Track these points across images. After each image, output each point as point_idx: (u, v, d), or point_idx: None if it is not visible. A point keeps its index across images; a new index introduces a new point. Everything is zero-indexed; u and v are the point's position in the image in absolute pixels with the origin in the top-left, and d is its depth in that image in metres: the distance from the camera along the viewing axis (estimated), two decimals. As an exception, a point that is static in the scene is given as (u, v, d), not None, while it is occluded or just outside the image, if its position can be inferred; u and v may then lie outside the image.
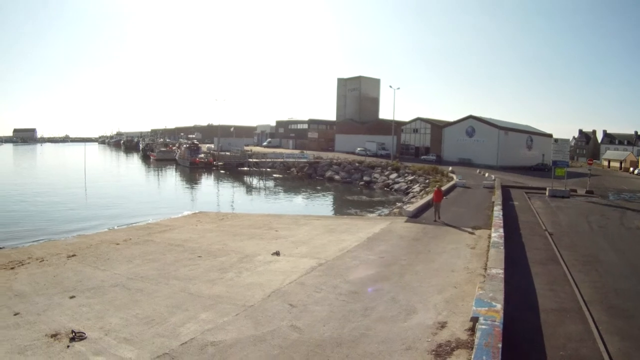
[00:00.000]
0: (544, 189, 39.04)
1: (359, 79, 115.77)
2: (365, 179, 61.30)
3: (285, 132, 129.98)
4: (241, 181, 65.41)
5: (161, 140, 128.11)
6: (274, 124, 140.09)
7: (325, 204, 47.47)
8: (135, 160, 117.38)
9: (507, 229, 20.01)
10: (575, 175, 56.27)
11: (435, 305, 11.41)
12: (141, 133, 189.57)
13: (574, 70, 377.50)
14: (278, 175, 70.71)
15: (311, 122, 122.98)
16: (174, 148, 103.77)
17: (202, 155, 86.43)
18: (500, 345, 7.47)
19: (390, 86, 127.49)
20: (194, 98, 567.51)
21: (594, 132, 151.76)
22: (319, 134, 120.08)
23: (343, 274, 14.64)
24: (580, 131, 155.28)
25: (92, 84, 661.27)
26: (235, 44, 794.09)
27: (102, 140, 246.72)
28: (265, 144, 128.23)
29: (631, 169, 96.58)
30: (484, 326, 8.23)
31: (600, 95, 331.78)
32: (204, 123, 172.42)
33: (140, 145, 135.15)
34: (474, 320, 9.00)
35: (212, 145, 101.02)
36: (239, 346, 9.27)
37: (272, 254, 17.55)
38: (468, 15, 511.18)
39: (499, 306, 9.24)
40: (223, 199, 49.08)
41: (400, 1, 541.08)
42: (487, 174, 54.65)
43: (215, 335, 9.82)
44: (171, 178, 72.86)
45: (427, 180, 50.91)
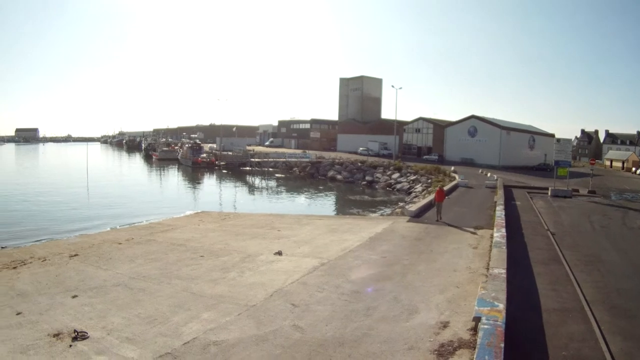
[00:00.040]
0: (546, 189, 38.98)
1: (361, 79, 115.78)
2: (368, 178, 61.30)
3: (288, 132, 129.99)
4: (243, 181, 65.44)
5: (163, 139, 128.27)
6: (276, 123, 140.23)
7: (327, 204, 47.48)
8: (137, 159, 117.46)
9: (510, 228, 20.00)
10: (577, 175, 56.20)
11: (438, 305, 11.40)
12: (143, 133, 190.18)
13: (576, 69, 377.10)
14: (280, 175, 70.74)
15: (313, 122, 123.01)
16: (177, 148, 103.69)
17: (205, 155, 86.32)
18: (502, 345, 7.46)
19: (392, 86, 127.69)
20: (196, 98, 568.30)
21: (596, 132, 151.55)
22: (321, 134, 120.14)
23: (345, 273, 14.64)
24: (583, 131, 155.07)
25: (95, 84, 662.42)
26: (237, 43, 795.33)
27: (105, 140, 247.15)
28: (267, 143, 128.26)
29: (633, 169, 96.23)
30: (486, 326, 8.23)
31: (603, 95, 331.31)
32: (207, 123, 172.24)
33: (143, 145, 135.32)
34: (477, 320, 9.00)
35: (215, 145, 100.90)
36: (241, 346, 9.28)
37: (275, 254, 17.55)
38: (470, 15, 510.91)
39: (502, 306, 9.24)
40: (225, 198, 49.08)
41: (402, 1, 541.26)
42: (490, 174, 54.61)
43: (217, 335, 9.82)
44: (173, 178, 72.90)
45: (430, 180, 50.86)
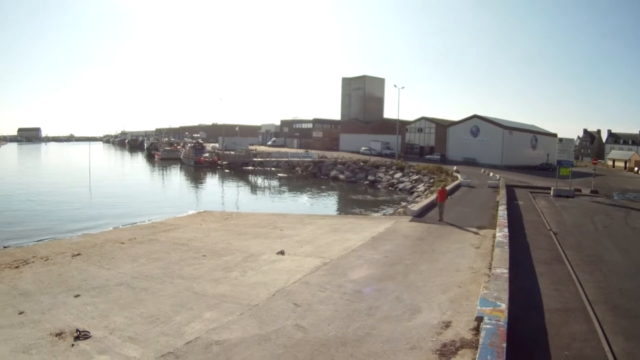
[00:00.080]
0: (549, 189, 38.93)
1: (363, 79, 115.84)
2: (370, 178, 61.28)
3: (290, 132, 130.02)
4: (246, 180, 65.48)
5: (166, 139, 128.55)
6: (278, 123, 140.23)
7: (329, 204, 47.47)
8: (139, 159, 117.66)
9: (512, 228, 19.96)
10: (579, 175, 56.06)
11: (440, 305, 11.40)
12: (146, 132, 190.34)
13: (579, 69, 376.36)
14: (282, 175, 70.76)
15: (316, 122, 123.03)
16: (179, 147, 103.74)
17: (207, 155, 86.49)
18: (504, 345, 7.45)
19: (394, 85, 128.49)
20: (198, 97, 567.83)
21: (599, 132, 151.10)
22: (324, 134, 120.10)
23: (348, 273, 14.63)
24: (585, 131, 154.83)
25: (97, 83, 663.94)
26: (240, 43, 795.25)
27: (107, 140, 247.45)
28: (269, 143, 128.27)
29: (636, 169, 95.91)
30: (488, 326, 8.22)
31: (605, 94, 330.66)
32: (209, 122, 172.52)
33: (145, 145, 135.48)
34: (479, 319, 8.99)
35: (217, 145, 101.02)
36: (243, 345, 9.29)
37: (277, 253, 17.55)
38: (472, 15, 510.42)
39: (504, 306, 9.23)
40: (227, 198, 49.12)
41: (404, 1, 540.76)
42: (492, 174, 54.57)
43: (219, 335, 9.83)
44: (176, 177, 73.01)
45: (432, 180, 50.82)
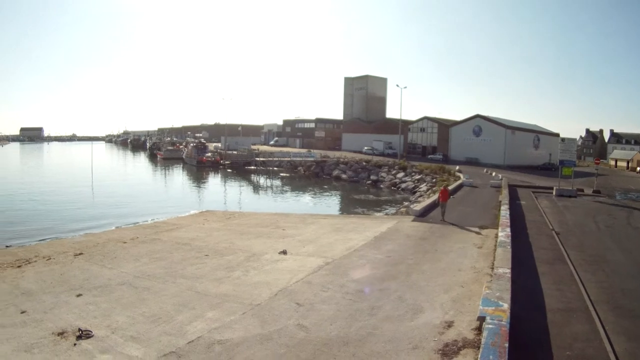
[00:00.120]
0: (551, 189, 38.86)
1: (365, 78, 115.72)
2: (372, 178, 61.27)
3: (292, 131, 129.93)
4: (248, 180, 65.49)
5: (168, 139, 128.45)
6: (281, 123, 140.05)
7: (332, 203, 47.46)
8: (142, 159, 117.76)
9: (514, 228, 19.91)
10: (582, 175, 56.00)
11: (442, 305, 11.39)
12: (148, 132, 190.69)
13: (581, 69, 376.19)
14: (285, 174, 70.77)
15: (318, 121, 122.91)
16: (181, 147, 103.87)
17: (209, 154, 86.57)
18: (506, 344, 7.44)
19: (397, 85, 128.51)
20: (201, 97, 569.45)
21: (601, 132, 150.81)
22: (326, 133, 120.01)
23: (350, 273, 14.63)
24: (588, 130, 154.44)
25: (99, 83, 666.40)
26: (242, 43, 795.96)
27: (109, 139, 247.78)
28: (272, 143, 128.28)
29: (638, 169, 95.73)
30: (490, 325, 8.21)
31: (608, 94, 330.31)
32: (211, 122, 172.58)
33: (147, 144, 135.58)
34: (481, 319, 8.98)
35: (219, 144, 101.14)
36: (245, 345, 9.30)
37: (279, 253, 17.56)
38: (474, 15, 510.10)
39: (506, 306, 9.22)
40: (230, 197, 49.15)
41: (407, 0, 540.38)
42: (494, 173, 54.50)
43: (222, 334, 9.84)
44: (178, 177, 73.06)
45: (434, 180, 50.72)
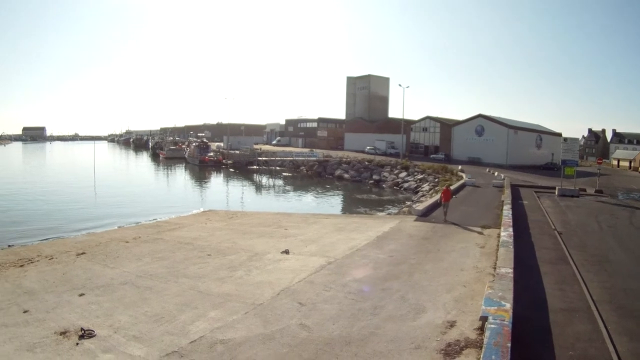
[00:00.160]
0: (554, 188, 38.81)
1: (368, 78, 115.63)
2: (375, 177, 61.29)
3: (295, 131, 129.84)
4: (250, 180, 65.51)
5: (170, 138, 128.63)
6: (283, 122, 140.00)
7: (334, 203, 47.42)
8: (144, 158, 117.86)
9: (517, 228, 19.94)
10: (584, 175, 55.79)
11: (445, 304, 11.39)
12: (150, 131, 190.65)
13: (584, 69, 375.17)
14: (287, 174, 70.71)
15: (320, 121, 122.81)
16: (184, 146, 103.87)
17: (212, 154, 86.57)
18: (509, 344, 7.45)
19: (399, 85, 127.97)
20: (203, 97, 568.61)
21: (604, 131, 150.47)
22: (329, 133, 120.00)
23: (352, 272, 14.64)
24: (590, 130, 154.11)
25: (102, 82, 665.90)
26: (245, 42, 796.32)
27: (112, 139, 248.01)
28: (274, 142, 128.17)
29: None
30: (493, 325, 8.21)
31: (610, 94, 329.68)
32: (214, 121, 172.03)
33: (150, 144, 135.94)
34: (483, 319, 8.99)
35: (222, 144, 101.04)
36: (248, 344, 9.31)
37: (282, 253, 17.58)
38: (476, 15, 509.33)
39: (508, 305, 9.22)
40: (232, 197, 49.15)
41: (409, 0, 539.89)
42: (497, 173, 54.46)
43: (224, 334, 9.86)
44: (180, 176, 73.05)
45: (437, 179, 50.70)
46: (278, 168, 73.69)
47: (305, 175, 69.89)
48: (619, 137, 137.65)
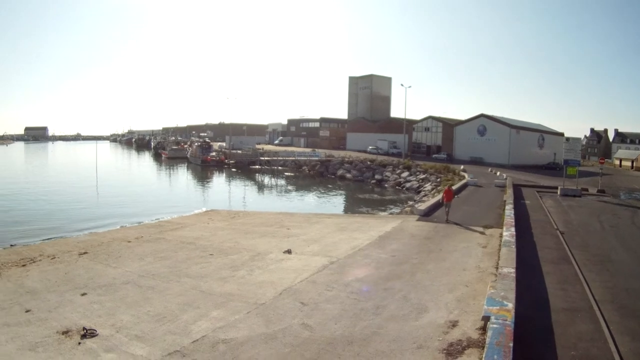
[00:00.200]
0: (556, 188, 38.72)
1: (370, 78, 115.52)
2: (377, 177, 61.26)
3: (297, 131, 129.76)
4: (253, 179, 65.56)
5: (173, 138, 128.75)
6: (285, 122, 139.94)
7: (336, 203, 47.40)
8: (146, 158, 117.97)
9: (519, 228, 19.91)
10: (586, 174, 55.70)
11: (447, 304, 11.38)
12: (153, 131, 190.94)
13: (586, 68, 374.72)
14: (290, 174, 70.74)
15: (323, 121, 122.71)
16: (186, 146, 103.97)
17: (214, 154, 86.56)
18: (511, 344, 7.44)
19: (401, 84, 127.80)
20: (205, 96, 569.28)
21: (606, 131, 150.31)
22: (331, 133, 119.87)
23: (354, 272, 14.64)
24: (592, 130, 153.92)
25: (104, 82, 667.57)
26: (247, 42, 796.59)
27: (114, 139, 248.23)
28: (276, 142, 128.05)
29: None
30: (495, 325, 8.21)
31: (612, 93, 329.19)
32: (216, 121, 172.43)
33: (152, 144, 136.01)
34: (486, 319, 8.98)
35: (224, 144, 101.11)
36: (250, 344, 9.31)
37: (284, 252, 17.58)
38: (478, 14, 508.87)
39: (511, 305, 9.21)
40: (234, 197, 49.21)
41: (411, 0, 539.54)
42: (499, 173, 54.37)
43: (226, 333, 9.86)
44: (183, 176, 73.11)
45: (439, 179, 50.66)
46: (280, 168, 73.69)
47: (308, 175, 69.89)
48: (621, 137, 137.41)
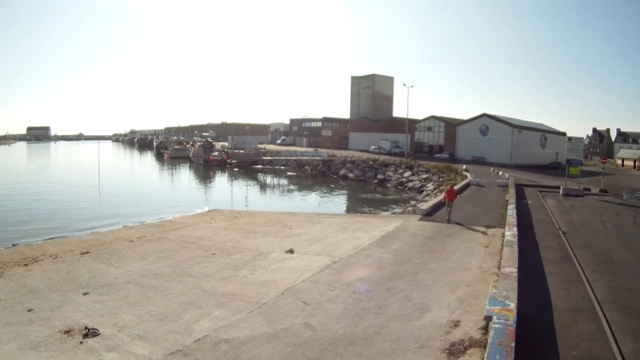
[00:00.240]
0: (558, 188, 38.69)
1: (372, 77, 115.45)
2: (379, 177, 61.21)
3: (299, 130, 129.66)
4: (255, 179, 65.59)
5: (175, 138, 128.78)
6: (287, 122, 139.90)
7: (339, 202, 47.39)
8: (149, 158, 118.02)
9: (521, 227, 19.88)
10: (589, 174, 55.60)
11: (449, 304, 11.37)
12: (155, 131, 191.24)
13: (588, 68, 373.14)
14: (292, 173, 70.70)
15: (325, 120, 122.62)
16: (188, 146, 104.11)
17: (216, 153, 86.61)
18: (513, 344, 7.43)
19: (403, 84, 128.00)
20: (207, 96, 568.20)
21: (608, 131, 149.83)
22: (333, 132, 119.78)
23: (357, 272, 14.64)
24: (594, 129, 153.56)
25: (106, 82, 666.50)
26: (249, 42, 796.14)
27: (116, 138, 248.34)
28: (279, 142, 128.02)
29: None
30: (497, 325, 8.20)
31: (614, 93, 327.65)
32: (218, 121, 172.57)
33: (154, 143, 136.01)
34: (488, 319, 8.97)
35: (226, 143, 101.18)
36: (252, 343, 9.32)
37: (286, 252, 17.59)
38: (480, 13, 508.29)
39: (513, 305, 9.20)
40: (237, 196, 49.21)
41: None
42: (501, 173, 54.40)
43: (228, 333, 9.87)
44: (185, 176, 73.20)
45: (441, 179, 50.59)
46: (282, 167, 73.74)
47: (310, 174, 69.85)
48: (623, 137, 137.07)
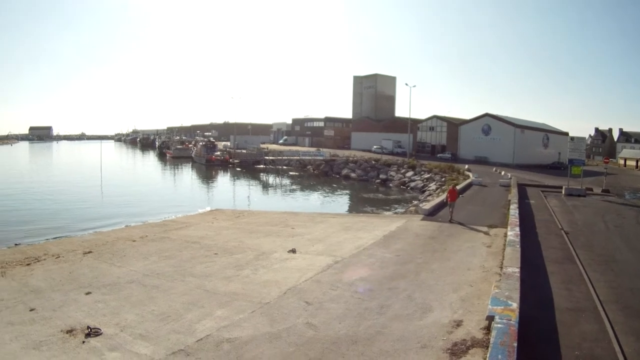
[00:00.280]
0: (560, 188, 38.61)
1: (374, 77, 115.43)
2: (382, 177, 61.20)
3: (302, 130, 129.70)
4: (257, 179, 65.63)
5: (177, 137, 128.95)
6: (290, 121, 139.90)
7: (341, 202, 47.40)
8: (151, 157, 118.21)
9: (523, 227, 19.83)
10: (591, 174, 55.54)
11: (451, 304, 11.36)
12: (157, 131, 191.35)
13: (590, 68, 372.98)
14: (294, 173, 70.77)
15: (327, 120, 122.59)
16: (190, 146, 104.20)
17: (219, 153, 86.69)
18: (515, 344, 7.43)
19: (406, 84, 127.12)
20: (210, 96, 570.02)
21: (610, 131, 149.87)
22: (335, 132, 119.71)
23: (359, 271, 14.63)
24: (597, 129, 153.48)
25: (108, 82, 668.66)
26: (251, 42, 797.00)
27: (119, 138, 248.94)
28: (281, 141, 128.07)
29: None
30: (499, 325, 8.19)
31: (617, 93, 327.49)
32: (220, 121, 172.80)
33: (157, 143, 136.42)
34: (490, 319, 8.96)
35: (229, 143, 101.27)
36: (254, 343, 9.32)
37: (288, 252, 17.60)
38: (482, 13, 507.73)
39: (515, 305, 9.19)
40: (239, 196, 49.24)
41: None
42: (503, 172, 54.30)
43: (230, 332, 9.88)
44: (187, 176, 73.28)
45: (444, 179, 50.59)
46: (285, 167, 73.84)
47: (312, 174, 69.91)
48: (625, 136, 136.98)
